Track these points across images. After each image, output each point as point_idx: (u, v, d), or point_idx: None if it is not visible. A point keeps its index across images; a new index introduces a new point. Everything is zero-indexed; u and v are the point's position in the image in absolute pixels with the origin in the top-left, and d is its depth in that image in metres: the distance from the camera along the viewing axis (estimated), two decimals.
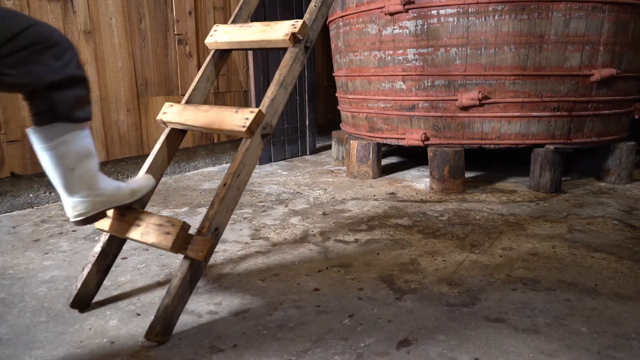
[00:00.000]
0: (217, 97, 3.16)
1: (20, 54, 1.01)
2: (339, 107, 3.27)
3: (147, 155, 2.74)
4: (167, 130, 1.44)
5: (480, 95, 2.40)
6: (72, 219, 1.22)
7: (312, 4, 1.42)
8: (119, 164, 2.73)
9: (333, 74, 3.24)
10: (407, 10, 2.45)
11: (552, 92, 2.42)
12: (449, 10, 2.37)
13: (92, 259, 1.37)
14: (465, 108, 2.46)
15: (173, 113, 1.40)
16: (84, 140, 1.17)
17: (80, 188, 1.19)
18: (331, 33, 3.14)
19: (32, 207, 2.39)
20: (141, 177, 1.37)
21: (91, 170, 1.20)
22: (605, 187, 2.56)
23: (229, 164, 3.34)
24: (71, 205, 1.21)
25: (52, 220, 2.18)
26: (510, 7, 2.30)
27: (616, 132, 2.68)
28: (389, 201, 2.36)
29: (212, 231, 1.22)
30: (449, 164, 2.47)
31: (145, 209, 1.43)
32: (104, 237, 1.39)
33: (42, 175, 2.41)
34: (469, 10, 2.34)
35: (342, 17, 2.85)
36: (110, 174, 2.69)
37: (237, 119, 1.26)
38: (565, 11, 2.31)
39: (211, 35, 1.52)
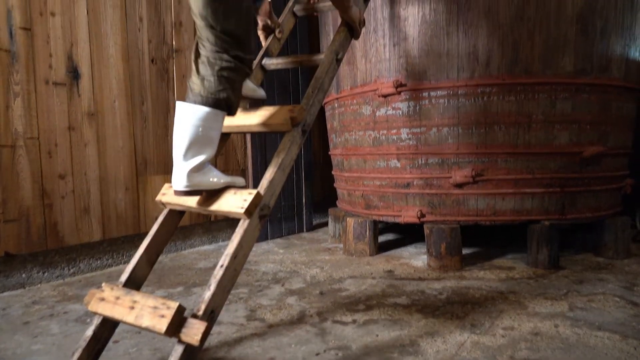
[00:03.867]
0: None
1: None
2: (335, 185, 3.31)
3: (144, 233, 2.73)
4: (165, 211, 1.46)
5: (473, 173, 2.45)
6: (176, 188, 1.40)
7: (309, 90, 1.48)
8: (114, 243, 2.71)
9: (329, 153, 3.31)
10: (399, 93, 2.55)
11: (543, 169, 2.47)
12: (440, 93, 2.48)
13: (83, 344, 1.33)
14: (459, 185, 2.50)
15: (172, 194, 1.42)
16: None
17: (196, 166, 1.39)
18: (327, 114, 3.25)
19: (24, 288, 2.34)
20: (236, 176, 1.51)
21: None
22: (603, 262, 2.55)
23: (225, 242, 3.33)
24: (179, 177, 1.39)
25: (43, 302, 2.13)
26: (498, 89, 2.40)
27: (609, 208, 2.71)
28: (387, 279, 2.34)
29: (208, 314, 1.20)
30: (446, 241, 2.48)
31: (140, 289, 1.41)
32: (97, 320, 1.36)
33: (36, 254, 2.39)
34: (459, 93, 2.44)
35: (337, 99, 2.96)
36: (105, 253, 2.67)
37: (235, 200, 1.28)
38: (550, 93, 2.42)
39: None
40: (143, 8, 2.78)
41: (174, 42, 2.95)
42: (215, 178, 1.42)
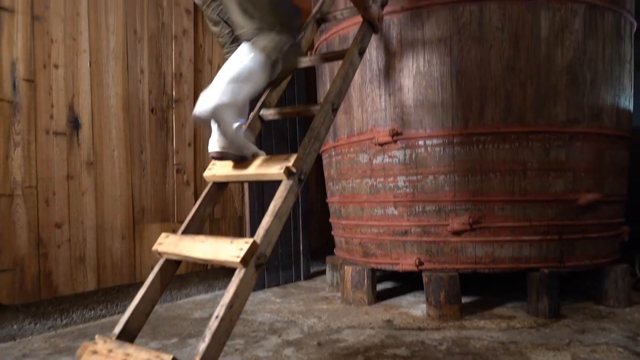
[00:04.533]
0: (213, 223, 3.20)
1: None
2: (332, 233, 3.30)
3: (139, 283, 2.70)
4: (161, 261, 1.45)
5: (470, 220, 2.45)
6: (212, 150, 1.52)
7: (305, 139, 1.51)
8: (109, 293, 2.67)
9: (327, 200, 3.32)
10: (395, 141, 2.59)
11: (540, 216, 2.48)
12: (435, 141, 2.51)
13: None
14: (457, 233, 2.49)
15: (169, 244, 1.42)
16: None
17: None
18: (324, 162, 3.28)
19: (15, 340, 2.29)
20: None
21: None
22: (604, 311, 2.52)
23: (222, 291, 3.28)
24: (216, 139, 1.51)
25: (34, 354, 2.08)
26: (492, 138, 2.44)
27: (608, 255, 2.70)
28: (386, 329, 2.30)
29: None
30: (445, 290, 2.45)
31: (134, 341, 1.39)
32: None
33: (29, 305, 2.36)
34: (454, 141, 2.48)
35: (334, 147, 3.00)
36: (99, 303, 2.63)
37: (231, 249, 1.28)
38: (544, 141, 2.45)
39: (209, 169, 1.59)
40: (144, 60, 2.86)
41: (174, 93, 3.01)
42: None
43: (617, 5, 2.63)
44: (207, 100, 1.43)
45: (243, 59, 1.51)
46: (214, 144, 1.52)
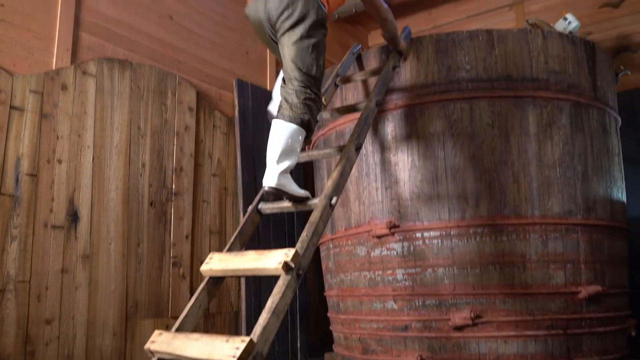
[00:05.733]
0: (207, 319, 3.11)
1: None
2: (331, 328, 3.20)
3: None
4: None
5: (472, 315, 2.39)
6: (266, 184, 1.75)
7: (304, 234, 1.52)
8: None
9: (325, 294, 3.26)
10: (393, 234, 2.59)
11: (543, 310, 2.42)
12: (433, 233, 2.52)
13: None
14: (459, 328, 2.42)
15: (162, 342, 1.37)
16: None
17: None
18: (322, 254, 3.26)
19: None
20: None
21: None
22: None
23: None
24: (271, 176, 1.75)
25: None
26: (489, 230, 2.45)
27: (616, 350, 2.60)
28: None
29: None
30: None
31: None
32: None
33: None
34: (452, 233, 2.48)
35: (332, 239, 2.99)
36: None
37: (227, 348, 1.24)
38: (541, 233, 2.46)
39: (206, 263, 1.58)
40: (146, 155, 2.93)
41: (173, 186, 3.05)
42: (296, 187, 1.83)
43: (600, 102, 2.76)
44: (271, 178, 1.80)
45: (283, 134, 1.89)
46: (271, 179, 1.72)
